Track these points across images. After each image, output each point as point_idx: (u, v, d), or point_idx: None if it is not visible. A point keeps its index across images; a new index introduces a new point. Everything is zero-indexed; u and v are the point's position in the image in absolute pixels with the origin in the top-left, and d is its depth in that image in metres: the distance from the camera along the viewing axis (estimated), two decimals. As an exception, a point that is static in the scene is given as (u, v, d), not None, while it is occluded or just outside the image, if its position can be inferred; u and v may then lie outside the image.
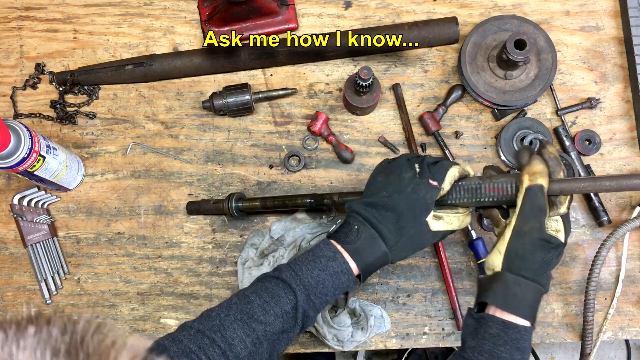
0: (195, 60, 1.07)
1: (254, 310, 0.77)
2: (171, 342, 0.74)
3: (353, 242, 0.80)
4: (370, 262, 0.81)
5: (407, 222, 0.80)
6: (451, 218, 0.83)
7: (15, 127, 0.89)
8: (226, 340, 0.75)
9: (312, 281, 0.79)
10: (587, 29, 1.10)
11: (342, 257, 0.80)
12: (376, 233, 0.80)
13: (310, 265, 0.80)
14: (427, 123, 1.05)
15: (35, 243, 1.04)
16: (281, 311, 0.78)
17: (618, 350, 1.78)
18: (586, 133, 1.05)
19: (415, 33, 1.06)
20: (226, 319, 0.77)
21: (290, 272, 0.80)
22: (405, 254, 0.82)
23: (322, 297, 0.80)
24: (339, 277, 0.80)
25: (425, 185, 0.81)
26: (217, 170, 1.07)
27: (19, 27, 1.12)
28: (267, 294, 0.79)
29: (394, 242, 0.80)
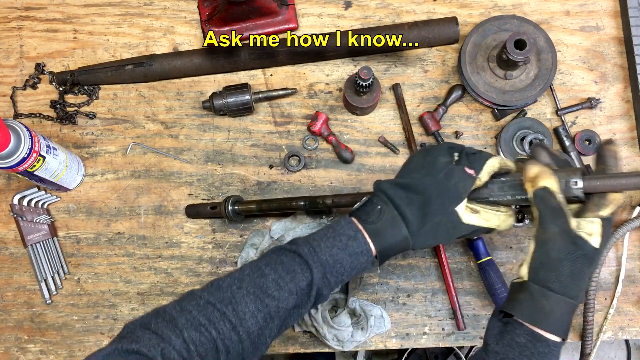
0: (195, 60, 1.07)
1: (268, 285, 0.74)
2: (179, 312, 0.71)
3: (374, 223, 0.76)
4: (389, 245, 0.76)
5: (434, 208, 0.75)
6: (489, 215, 0.78)
7: (15, 127, 0.89)
8: (237, 315, 0.72)
9: (330, 259, 0.75)
10: (587, 29, 1.10)
11: (363, 238, 0.76)
12: (399, 215, 0.76)
13: (329, 242, 0.76)
14: (427, 123, 1.05)
15: (35, 243, 1.04)
16: (296, 288, 0.74)
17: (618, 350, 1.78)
18: (586, 133, 1.05)
19: (415, 33, 1.06)
20: (238, 292, 0.73)
21: (308, 247, 0.76)
22: (429, 242, 0.77)
23: (339, 277, 0.76)
24: (357, 258, 0.76)
25: (460, 172, 0.76)
26: (217, 170, 1.07)
27: (19, 27, 1.12)
28: (282, 268, 0.75)
29: (417, 227, 0.76)
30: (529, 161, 0.74)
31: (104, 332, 1.04)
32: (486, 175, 0.78)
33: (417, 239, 0.76)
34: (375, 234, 0.76)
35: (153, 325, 0.69)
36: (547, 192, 0.71)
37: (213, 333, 0.69)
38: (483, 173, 0.77)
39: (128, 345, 0.65)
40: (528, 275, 0.71)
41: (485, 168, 0.77)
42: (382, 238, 0.76)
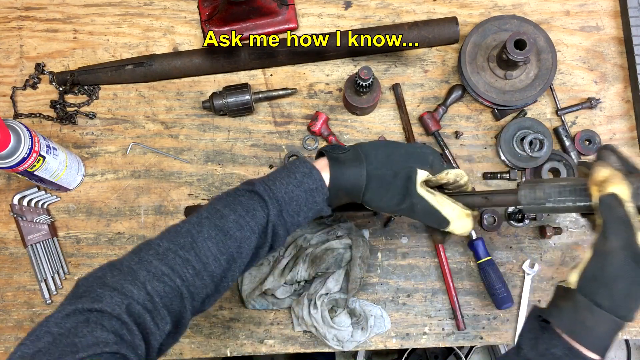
0: (195, 60, 1.07)
1: (229, 226, 0.72)
2: (138, 264, 0.67)
3: (337, 154, 0.77)
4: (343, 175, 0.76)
5: (396, 158, 0.77)
6: (445, 202, 0.78)
7: (15, 127, 0.89)
8: (200, 260, 0.70)
9: (285, 196, 0.74)
10: (587, 29, 1.10)
11: (318, 174, 0.76)
12: (363, 155, 0.77)
13: (284, 180, 0.75)
14: (427, 123, 1.05)
15: (35, 243, 1.04)
16: (257, 226, 0.73)
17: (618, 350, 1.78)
18: (586, 133, 1.05)
19: (415, 33, 1.06)
20: (199, 236, 0.71)
21: (263, 185, 0.75)
22: (381, 193, 0.76)
23: (294, 216, 0.75)
24: (313, 195, 0.75)
25: (432, 150, 0.80)
26: (217, 170, 1.07)
27: (19, 27, 1.12)
28: (241, 207, 0.73)
29: (375, 167, 0.76)
30: (597, 162, 0.66)
31: (104, 332, 1.04)
32: (453, 175, 0.79)
33: (372, 181, 0.76)
34: (334, 164, 0.77)
35: (110, 280, 0.65)
36: (615, 199, 0.64)
37: (177, 281, 0.67)
38: (452, 172, 0.79)
39: (89, 304, 0.62)
40: (577, 283, 0.65)
41: (456, 170, 0.80)
42: (338, 167, 0.76)
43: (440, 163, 0.79)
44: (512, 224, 1.04)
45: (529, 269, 1.03)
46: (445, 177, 0.79)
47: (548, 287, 1.03)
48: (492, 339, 1.03)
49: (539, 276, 1.04)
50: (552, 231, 1.02)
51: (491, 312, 1.03)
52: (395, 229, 1.05)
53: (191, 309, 0.70)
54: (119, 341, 0.61)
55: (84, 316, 0.61)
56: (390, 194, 0.77)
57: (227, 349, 1.03)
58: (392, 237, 1.05)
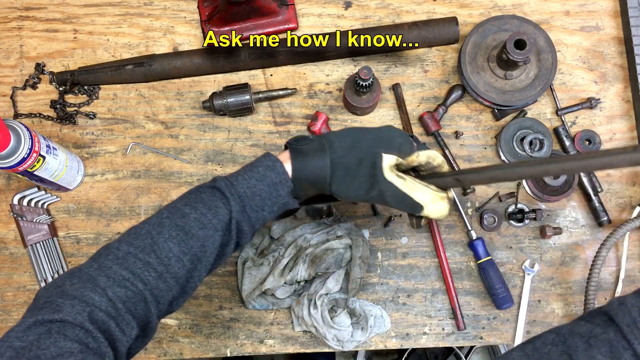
0: (195, 60, 1.07)
1: (190, 225, 0.70)
2: (98, 270, 0.65)
3: (300, 146, 0.75)
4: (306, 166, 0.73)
5: (362, 145, 0.74)
6: (416, 186, 0.75)
7: (15, 127, 0.89)
8: (162, 262, 0.68)
9: (248, 191, 0.72)
10: (587, 29, 1.10)
11: (281, 167, 0.74)
12: (327, 145, 0.75)
13: (247, 174, 0.74)
14: (427, 123, 1.05)
15: (35, 243, 1.04)
16: (220, 224, 0.71)
17: (618, 350, 1.77)
18: (586, 133, 1.05)
19: (415, 33, 1.06)
20: (159, 237, 0.69)
21: (225, 181, 0.73)
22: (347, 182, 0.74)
23: (259, 211, 0.73)
24: (277, 189, 0.73)
25: (403, 134, 0.76)
26: (217, 170, 1.07)
27: (19, 27, 1.12)
28: (203, 205, 0.72)
29: (340, 155, 0.74)
30: None
31: (104, 332, 1.04)
32: (424, 157, 0.76)
33: (336, 171, 0.74)
34: (297, 156, 0.74)
35: (70, 289, 0.63)
36: None
37: (139, 285, 0.66)
38: (423, 153, 0.76)
39: (49, 315, 0.60)
40: None
41: (428, 151, 0.77)
42: (301, 159, 0.74)
43: (410, 145, 0.76)
44: (512, 224, 1.04)
45: (529, 269, 1.03)
46: (416, 159, 0.76)
47: (548, 287, 1.03)
48: (492, 339, 1.03)
49: (539, 276, 1.04)
50: (552, 231, 1.02)
51: (491, 312, 1.03)
52: (395, 229, 1.05)
53: (157, 312, 0.68)
54: (84, 349, 0.59)
55: (45, 327, 0.60)
56: (357, 183, 0.74)
57: (227, 349, 1.03)
58: (392, 237, 1.05)
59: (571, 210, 1.05)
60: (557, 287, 1.04)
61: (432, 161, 0.78)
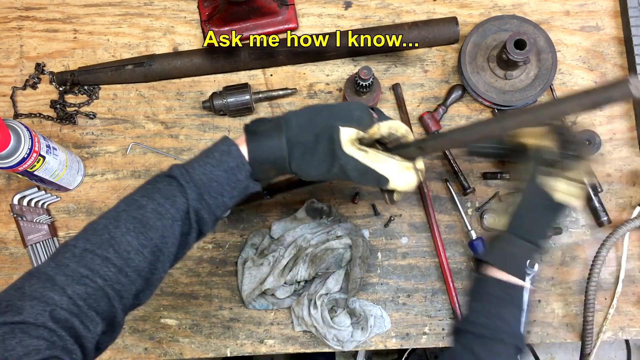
0: (195, 60, 1.07)
1: (147, 216, 0.68)
2: (55, 269, 0.64)
3: (256, 127, 0.73)
4: (262, 147, 0.72)
5: (318, 120, 0.72)
6: (378, 157, 0.72)
7: (15, 127, 0.89)
8: (121, 256, 0.66)
9: (204, 178, 0.71)
10: (587, 29, 1.10)
11: (237, 151, 0.72)
12: (284, 124, 0.72)
13: (202, 161, 0.72)
14: (427, 123, 1.05)
15: (35, 243, 1.04)
16: (178, 213, 0.70)
17: (618, 350, 1.78)
18: (586, 133, 1.05)
19: (415, 33, 1.06)
20: (116, 231, 0.67)
21: (181, 169, 0.72)
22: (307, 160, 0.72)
23: (218, 197, 0.72)
24: (234, 173, 0.72)
25: (362, 107, 0.74)
26: (217, 170, 1.07)
27: (19, 27, 1.12)
28: (159, 195, 0.70)
29: (296, 133, 0.71)
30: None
31: (104, 332, 1.04)
32: (386, 128, 0.74)
33: (294, 150, 0.72)
34: (253, 138, 0.72)
35: (28, 289, 0.62)
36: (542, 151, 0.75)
37: (99, 282, 0.64)
38: (384, 124, 0.74)
39: (10, 318, 0.59)
40: (507, 225, 0.77)
41: (389, 122, 0.75)
42: (257, 140, 0.72)
43: (370, 117, 0.73)
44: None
45: (529, 269, 1.03)
46: (377, 131, 0.74)
47: (548, 287, 1.03)
48: (492, 339, 1.03)
49: (539, 276, 1.04)
50: (552, 231, 1.02)
51: (491, 312, 1.03)
52: (395, 229, 1.05)
53: (121, 307, 0.67)
54: (50, 346, 0.58)
55: (8, 328, 0.58)
56: (317, 160, 0.72)
57: (227, 349, 1.03)
58: (392, 237, 1.05)
59: (571, 210, 1.05)
60: (557, 287, 1.04)
61: (395, 132, 0.75)
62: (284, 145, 0.72)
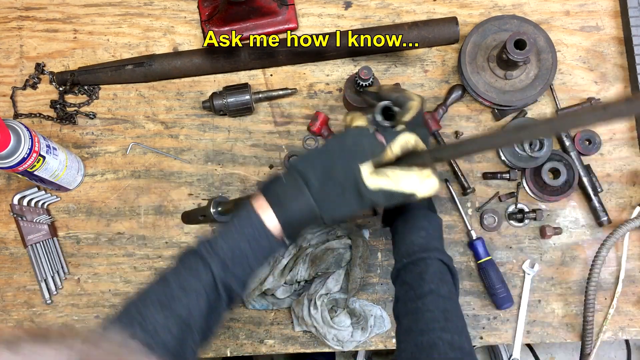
0: (195, 60, 1.07)
1: (173, 292, 0.70)
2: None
3: (276, 191, 0.72)
4: (292, 214, 0.71)
5: (337, 168, 0.71)
6: (398, 175, 0.72)
7: (15, 127, 0.89)
8: (147, 331, 0.67)
9: (227, 251, 0.71)
10: (587, 29, 1.10)
11: (257, 218, 0.71)
12: (302, 181, 0.71)
13: (225, 233, 0.73)
14: (427, 123, 1.05)
15: (35, 243, 1.04)
16: (202, 286, 0.70)
17: (618, 350, 1.78)
18: (586, 133, 1.05)
19: (415, 33, 1.06)
20: (144, 308, 0.69)
21: (205, 244, 0.73)
22: (337, 209, 0.72)
23: (245, 267, 0.72)
24: (257, 241, 0.72)
25: (369, 137, 0.73)
26: (217, 170, 1.07)
27: (19, 27, 1.12)
28: (184, 271, 0.72)
29: (319, 189, 0.70)
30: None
31: (104, 332, 1.04)
32: (398, 147, 0.74)
33: (323, 205, 0.71)
34: (277, 203, 0.72)
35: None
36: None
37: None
38: (395, 144, 0.74)
39: None
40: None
41: (399, 139, 0.74)
42: (284, 206, 0.71)
43: (380, 144, 0.73)
44: (512, 224, 1.04)
45: (529, 269, 1.03)
46: (391, 155, 0.74)
47: (548, 287, 1.03)
48: (492, 339, 1.03)
49: (539, 276, 1.04)
50: (552, 231, 1.02)
51: (491, 312, 1.03)
52: (395, 229, 1.05)
53: None
54: None
55: None
56: (347, 205, 0.72)
57: (227, 349, 1.03)
58: (392, 237, 1.05)
59: (571, 210, 1.05)
60: (557, 287, 1.04)
61: (407, 146, 0.76)
62: (312, 204, 0.71)
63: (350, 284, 0.98)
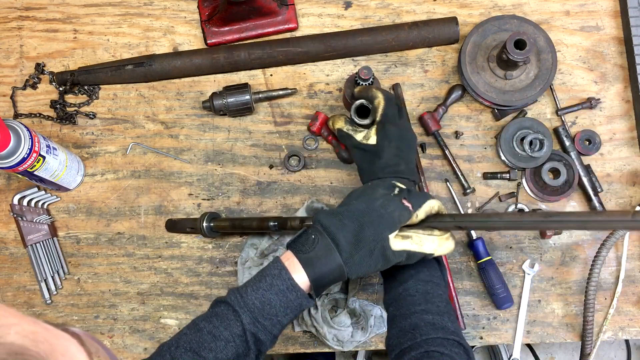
0: (195, 60, 1.07)
1: (203, 338, 0.74)
2: None
3: (307, 252, 0.76)
4: (322, 274, 0.75)
5: (367, 235, 0.76)
6: (422, 239, 0.79)
7: (15, 127, 0.89)
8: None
9: (257, 303, 0.75)
10: (587, 29, 1.10)
11: (287, 274, 0.75)
12: (333, 243, 0.75)
13: (255, 285, 0.76)
14: (427, 123, 1.05)
15: (35, 243, 1.04)
16: (232, 335, 0.74)
17: (618, 350, 1.78)
18: (586, 133, 1.05)
19: (415, 33, 1.06)
20: (176, 352, 0.73)
21: (236, 294, 0.76)
22: (363, 269, 0.77)
23: (273, 318, 0.75)
24: (285, 295, 0.75)
25: (396, 202, 0.78)
26: (217, 170, 1.07)
27: (19, 27, 1.12)
28: (216, 319, 0.75)
29: (350, 254, 0.75)
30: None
31: (104, 332, 1.04)
32: (423, 213, 0.79)
33: (351, 267, 0.76)
34: (308, 264, 0.75)
35: None
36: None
37: None
38: (421, 210, 0.79)
39: None
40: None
41: (424, 206, 0.79)
42: (315, 267, 0.75)
43: (408, 212, 0.78)
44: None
45: (529, 269, 1.03)
46: (416, 220, 0.79)
47: (548, 287, 1.03)
48: (492, 339, 1.03)
49: (539, 276, 1.04)
50: (552, 231, 1.02)
51: (491, 312, 1.03)
52: (395, 229, 1.05)
53: None
54: None
55: None
56: (372, 266, 0.77)
57: (227, 349, 1.03)
58: (392, 237, 1.05)
59: (571, 210, 1.05)
60: (557, 287, 1.04)
61: (431, 211, 0.81)
62: (342, 266, 0.75)
63: (350, 284, 0.98)
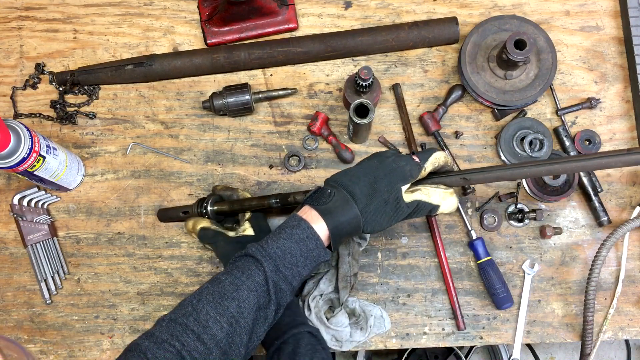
0: (195, 60, 1.07)
1: (225, 289, 0.76)
2: (144, 338, 0.73)
3: (325, 204, 0.80)
4: (340, 223, 0.79)
5: (381, 186, 0.80)
6: (429, 191, 0.84)
7: (15, 127, 0.89)
8: (199, 323, 0.73)
9: (278, 251, 0.78)
10: (587, 29, 1.10)
11: (306, 224, 0.79)
12: (349, 195, 0.80)
13: (276, 236, 0.79)
14: (427, 123, 1.05)
15: (35, 243, 1.04)
16: (254, 284, 0.76)
17: (618, 350, 1.78)
18: (586, 133, 1.05)
19: (415, 33, 1.06)
20: (198, 303, 0.75)
21: (256, 246, 0.79)
22: (378, 221, 0.81)
23: (293, 268, 0.78)
24: (305, 244, 0.78)
25: (406, 158, 0.83)
26: (217, 170, 1.07)
27: (19, 27, 1.12)
28: (237, 270, 0.78)
29: (366, 203, 0.80)
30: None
31: (104, 332, 1.04)
32: (430, 166, 0.84)
33: (367, 216, 0.80)
34: (326, 213, 0.79)
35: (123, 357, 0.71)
36: None
37: (177, 345, 0.71)
38: (428, 163, 0.84)
39: None
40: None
41: (430, 159, 0.84)
42: (333, 216, 0.79)
43: (418, 167, 0.83)
44: (512, 224, 1.04)
45: (529, 269, 1.03)
46: (424, 173, 0.84)
47: (548, 287, 1.03)
48: (492, 339, 1.03)
49: (539, 276, 1.04)
50: (552, 231, 1.02)
51: (491, 312, 1.03)
52: (395, 229, 1.05)
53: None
54: None
55: None
56: (387, 218, 0.82)
57: (227, 349, 1.03)
58: (392, 237, 1.05)
59: (571, 210, 1.05)
60: (557, 287, 1.04)
61: (437, 162, 0.85)
62: (359, 217, 0.80)
63: (340, 283, 0.97)
